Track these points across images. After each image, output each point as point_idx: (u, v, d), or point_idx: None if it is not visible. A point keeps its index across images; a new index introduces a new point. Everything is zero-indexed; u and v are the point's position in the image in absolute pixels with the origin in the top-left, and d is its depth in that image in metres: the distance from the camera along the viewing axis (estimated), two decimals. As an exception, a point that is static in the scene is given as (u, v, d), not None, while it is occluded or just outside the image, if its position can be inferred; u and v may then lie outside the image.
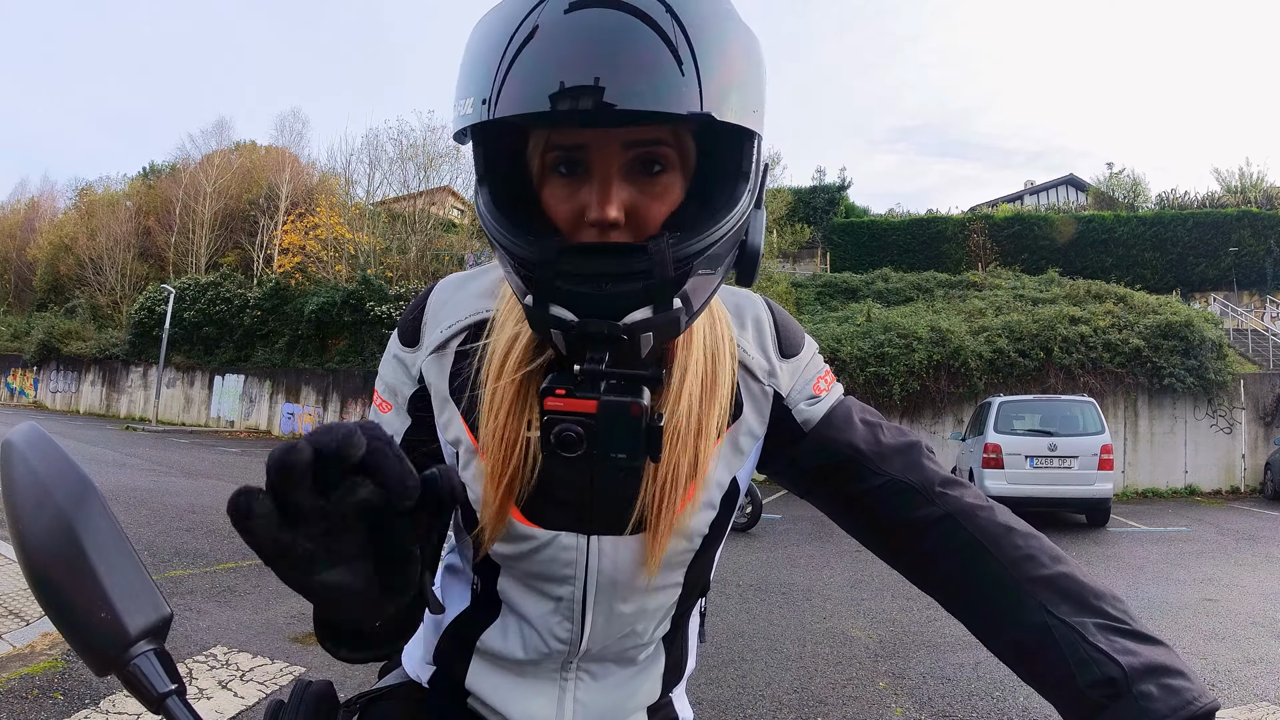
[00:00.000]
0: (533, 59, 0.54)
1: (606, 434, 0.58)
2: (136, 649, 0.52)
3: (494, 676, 0.81)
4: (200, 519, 8.04)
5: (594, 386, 0.59)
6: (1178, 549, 8.66)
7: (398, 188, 28.77)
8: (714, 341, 0.76)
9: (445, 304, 0.80)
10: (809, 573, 6.92)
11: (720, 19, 0.58)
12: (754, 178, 0.64)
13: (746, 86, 0.58)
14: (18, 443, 0.55)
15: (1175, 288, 23.46)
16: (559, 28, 0.55)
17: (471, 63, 0.58)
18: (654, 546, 0.74)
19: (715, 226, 0.61)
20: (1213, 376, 15.34)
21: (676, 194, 0.64)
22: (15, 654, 3.79)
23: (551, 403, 0.58)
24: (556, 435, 0.58)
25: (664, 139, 0.62)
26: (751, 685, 3.95)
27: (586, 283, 0.59)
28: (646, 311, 0.59)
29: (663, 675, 0.85)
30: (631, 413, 0.58)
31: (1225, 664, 4.40)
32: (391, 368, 0.81)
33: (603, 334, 0.59)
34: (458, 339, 0.78)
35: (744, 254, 0.67)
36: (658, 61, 0.54)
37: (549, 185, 0.64)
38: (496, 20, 0.58)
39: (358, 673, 3.63)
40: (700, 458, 0.73)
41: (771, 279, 20.33)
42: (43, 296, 36.53)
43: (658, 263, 0.58)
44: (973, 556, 0.71)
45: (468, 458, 0.76)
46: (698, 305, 0.63)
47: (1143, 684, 0.60)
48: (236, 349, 25.89)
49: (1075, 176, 34.19)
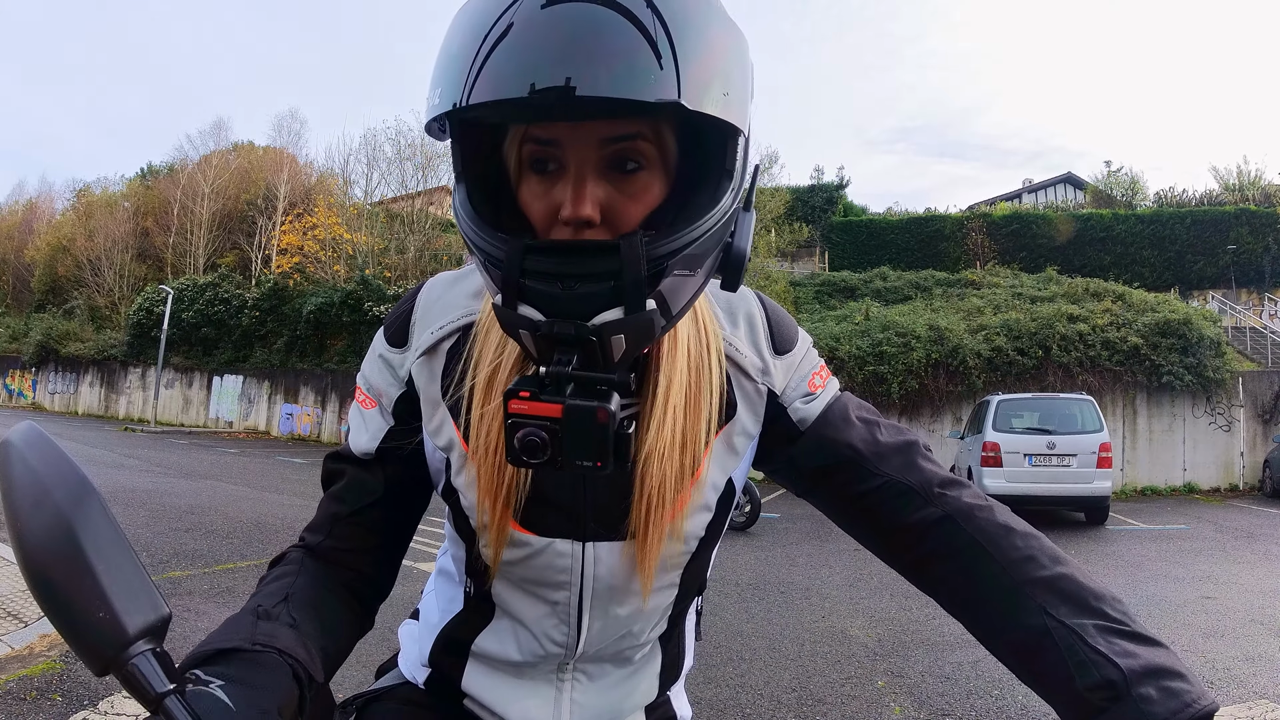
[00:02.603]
0: (506, 50, 0.52)
1: (572, 439, 0.56)
2: (135, 649, 0.52)
3: (490, 678, 0.81)
4: (199, 520, 8.04)
5: (559, 390, 0.57)
6: (1176, 547, 8.67)
7: (396, 188, 28.71)
8: (699, 349, 0.74)
9: (435, 304, 0.78)
10: (807, 571, 6.92)
11: (703, 13, 0.56)
12: (739, 176, 0.62)
13: (728, 80, 0.56)
14: (16, 442, 0.55)
15: (1173, 285, 23.48)
16: (534, 19, 0.53)
17: (445, 54, 0.56)
18: (644, 557, 0.73)
19: (693, 225, 0.58)
20: (1211, 374, 15.35)
21: (656, 193, 0.62)
22: (14, 655, 3.79)
23: (516, 406, 0.56)
24: (521, 440, 0.56)
25: (643, 133, 0.60)
26: (750, 684, 3.96)
27: (554, 281, 0.56)
28: (617, 312, 0.56)
29: (660, 674, 0.85)
30: (598, 418, 0.56)
31: (1224, 661, 4.40)
32: (377, 368, 0.79)
33: (570, 335, 0.57)
34: (449, 340, 0.76)
35: (729, 257, 0.64)
36: (633, 51, 0.51)
37: (525, 183, 0.62)
38: (473, 12, 0.56)
39: (354, 673, 3.62)
40: (686, 469, 0.72)
41: (770, 278, 20.33)
42: (41, 298, 36.46)
43: (629, 261, 0.56)
44: (972, 558, 0.71)
45: (460, 463, 0.75)
46: (677, 308, 0.60)
47: (1142, 686, 0.60)
48: (235, 350, 25.87)
49: (1074, 175, 34.22)
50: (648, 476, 0.70)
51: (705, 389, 0.73)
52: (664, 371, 0.70)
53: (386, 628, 4.46)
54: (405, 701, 0.85)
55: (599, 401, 0.56)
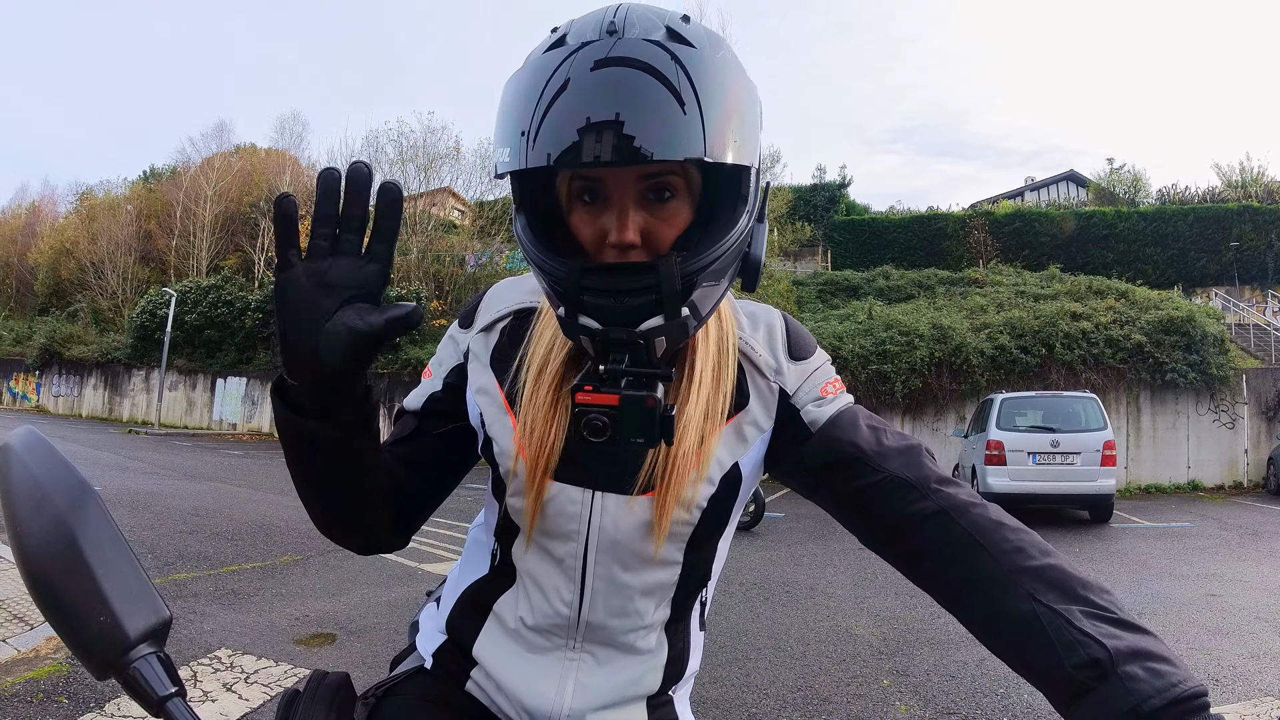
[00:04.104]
0: (558, 117, 0.64)
1: (627, 422, 0.68)
2: (136, 652, 0.52)
3: (502, 647, 0.86)
4: (203, 522, 8.06)
5: (616, 383, 0.70)
6: (1181, 544, 8.65)
7: (398, 189, 28.71)
8: (721, 340, 0.85)
9: (498, 296, 0.93)
10: (812, 571, 6.92)
11: (721, 73, 0.67)
12: (752, 199, 0.75)
13: (742, 128, 0.68)
14: (15, 446, 0.55)
15: (1176, 283, 23.42)
16: (584, 82, 0.64)
17: (505, 117, 0.69)
18: (661, 507, 0.81)
19: (716, 245, 0.71)
20: (1215, 371, 15.31)
21: (685, 216, 0.74)
22: (20, 658, 3.80)
23: (582, 397, 0.69)
24: (586, 424, 0.69)
25: (673, 169, 0.72)
26: (755, 683, 3.95)
27: (607, 297, 0.70)
28: (659, 320, 0.70)
29: (664, 668, 0.88)
30: (647, 404, 0.68)
31: (1229, 659, 4.39)
32: (446, 344, 0.94)
33: (622, 339, 0.70)
34: (504, 321, 0.91)
35: (746, 264, 0.77)
36: (665, 116, 0.63)
37: (576, 211, 0.75)
38: (526, 78, 0.68)
39: (358, 672, 3.63)
40: (706, 435, 0.82)
41: (773, 277, 20.30)
42: (44, 301, 36.60)
43: (666, 279, 0.69)
44: (964, 549, 0.74)
45: (495, 412, 0.86)
46: (705, 311, 0.73)
47: (1128, 666, 0.62)
48: (238, 352, 25.91)
49: (1076, 172, 34.13)
50: (677, 441, 0.80)
51: (724, 374, 0.84)
52: (699, 355, 0.82)
53: (395, 630, 4.44)
54: (417, 697, 0.89)
55: (647, 391, 0.69)
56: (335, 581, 5.80)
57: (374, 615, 4.97)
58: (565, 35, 0.68)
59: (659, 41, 0.66)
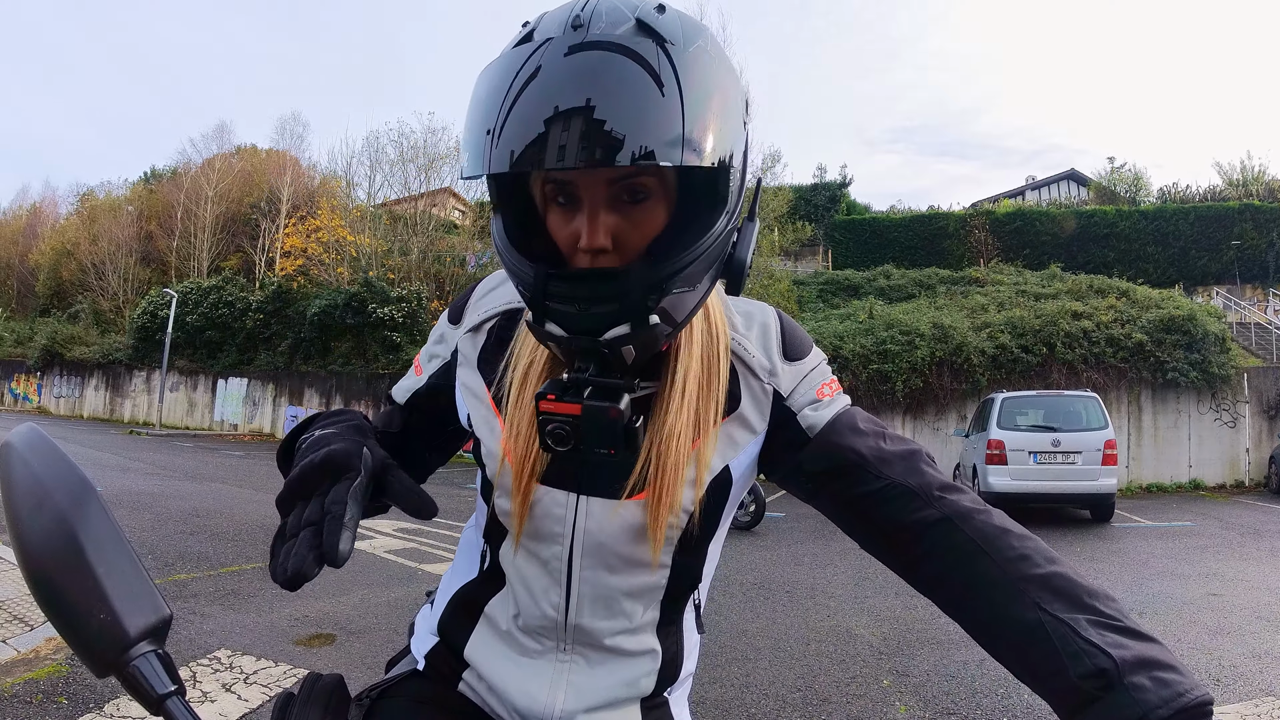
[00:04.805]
0: (521, 119, 0.61)
1: (589, 433, 0.67)
2: (136, 650, 0.52)
3: (494, 649, 0.86)
4: (204, 522, 8.06)
5: (579, 393, 0.68)
6: (1182, 544, 8.64)
7: (399, 189, 28.77)
8: (711, 341, 0.83)
9: (487, 294, 0.92)
10: (813, 571, 6.92)
11: (697, 71, 0.63)
12: (733, 199, 0.71)
13: (720, 129, 0.64)
14: (17, 444, 0.55)
15: (1178, 282, 23.43)
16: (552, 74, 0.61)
17: (470, 120, 0.66)
18: (654, 513, 0.79)
19: (688, 250, 0.68)
20: (1216, 370, 15.29)
21: (659, 218, 0.71)
22: (20, 659, 3.80)
23: (545, 405, 0.67)
24: (550, 433, 0.67)
25: (645, 171, 0.68)
26: (755, 684, 3.95)
27: (571, 304, 0.68)
28: (625, 328, 0.67)
29: (658, 670, 0.87)
30: (610, 415, 0.66)
31: (1231, 659, 4.39)
32: (435, 339, 0.95)
33: (587, 347, 0.68)
34: (491, 321, 0.90)
35: (730, 265, 0.75)
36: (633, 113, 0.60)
37: (551, 213, 0.73)
38: (493, 78, 0.65)
39: (358, 672, 3.64)
40: (695, 440, 0.80)
41: (773, 277, 20.28)
42: (45, 302, 36.61)
43: (633, 286, 0.67)
44: (969, 557, 0.73)
45: (483, 414, 0.86)
46: (680, 317, 0.71)
47: (1134, 675, 0.61)
48: (239, 352, 25.91)
49: (1076, 171, 34.13)
50: (664, 449, 0.78)
51: (714, 378, 0.82)
52: (681, 361, 0.80)
53: (394, 631, 4.44)
54: (412, 699, 0.88)
55: (610, 401, 0.67)
56: (335, 582, 5.79)
57: (374, 616, 4.97)
58: (533, 30, 0.66)
59: (618, 42, 0.62)
